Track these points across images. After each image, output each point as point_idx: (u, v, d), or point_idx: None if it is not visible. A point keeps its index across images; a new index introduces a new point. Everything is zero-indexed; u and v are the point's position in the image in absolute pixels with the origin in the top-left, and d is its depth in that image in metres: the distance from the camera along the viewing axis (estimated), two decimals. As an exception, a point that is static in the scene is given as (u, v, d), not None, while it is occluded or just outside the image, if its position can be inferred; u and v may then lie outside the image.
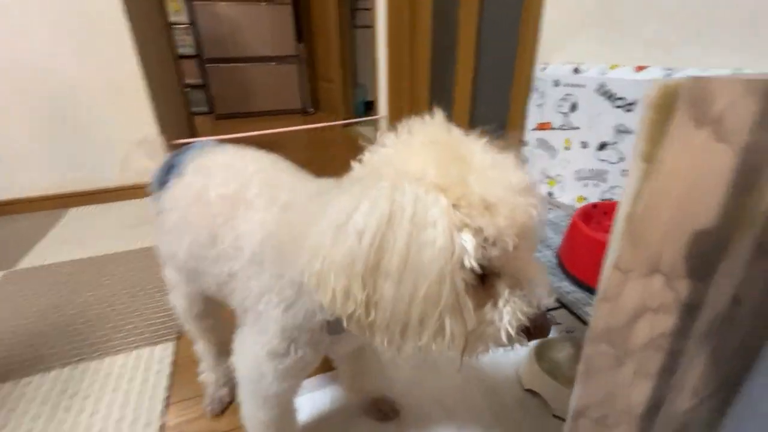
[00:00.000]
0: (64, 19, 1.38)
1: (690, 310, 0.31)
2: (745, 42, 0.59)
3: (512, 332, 0.30)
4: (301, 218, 0.36)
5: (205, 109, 3.63)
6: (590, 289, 0.58)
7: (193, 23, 3.23)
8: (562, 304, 0.57)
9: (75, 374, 0.79)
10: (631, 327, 0.27)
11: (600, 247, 0.56)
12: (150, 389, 0.75)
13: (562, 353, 0.79)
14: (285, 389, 0.47)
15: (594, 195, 0.82)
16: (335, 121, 3.11)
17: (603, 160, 0.79)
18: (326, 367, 0.78)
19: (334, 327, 0.41)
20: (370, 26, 3.11)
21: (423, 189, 0.28)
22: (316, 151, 2.50)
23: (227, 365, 0.71)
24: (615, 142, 0.76)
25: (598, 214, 0.66)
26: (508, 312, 0.30)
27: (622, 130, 0.74)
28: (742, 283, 0.33)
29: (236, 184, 0.46)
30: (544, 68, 0.90)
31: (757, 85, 0.23)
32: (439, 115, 0.34)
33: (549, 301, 0.31)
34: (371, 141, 0.35)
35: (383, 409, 0.67)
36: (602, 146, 0.78)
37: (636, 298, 0.26)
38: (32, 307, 0.98)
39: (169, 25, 2.30)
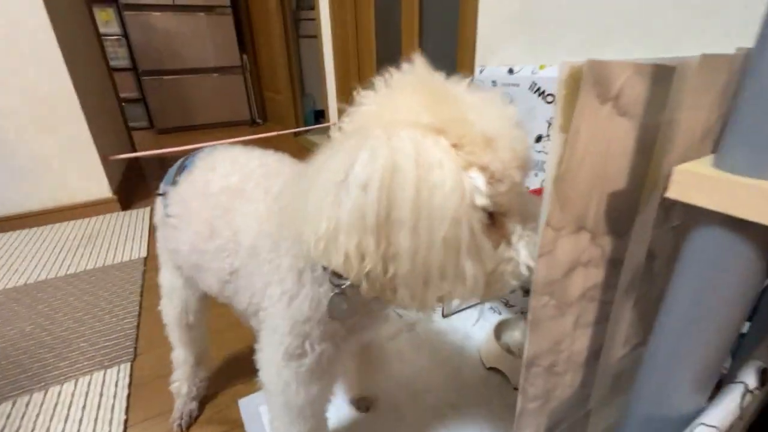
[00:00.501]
0: (-22, 29, 1.27)
1: (614, 264, 0.36)
2: (650, 42, 0.69)
3: (533, 265, 0.29)
4: (293, 196, 0.34)
5: (144, 123, 3.43)
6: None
7: (125, 34, 3.06)
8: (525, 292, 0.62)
9: (14, 411, 0.72)
10: (567, 279, 0.31)
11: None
12: (107, 414, 0.70)
13: (517, 331, 0.85)
14: (314, 396, 0.43)
15: (535, 183, 0.90)
16: (284, 130, 3.08)
17: (540, 152, 0.86)
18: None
19: (338, 307, 0.37)
20: (315, 36, 3.15)
21: (420, 132, 0.27)
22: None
23: (201, 378, 0.69)
24: (549, 135, 0.83)
25: (539, 199, 0.73)
26: (524, 246, 0.31)
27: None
28: (654, 239, 0.39)
29: (237, 177, 0.44)
30: (482, 70, 0.97)
31: (644, 68, 0.28)
32: (419, 60, 0.33)
33: None
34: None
35: (366, 400, 0.69)
36: (538, 139, 0.86)
37: (568, 253, 0.30)
38: (-44, 345, 0.88)
39: (100, 37, 2.18)
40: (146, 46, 3.04)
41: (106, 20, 2.97)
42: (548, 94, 0.81)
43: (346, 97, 1.04)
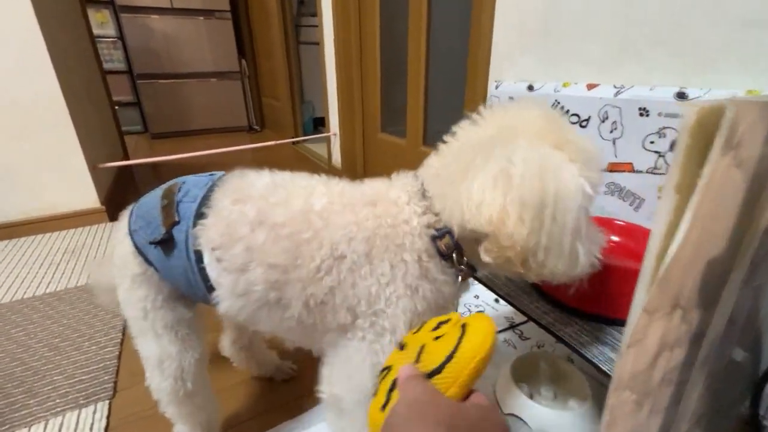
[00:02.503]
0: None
1: (697, 339, 0.30)
2: (681, 59, 0.63)
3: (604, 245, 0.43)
4: (443, 193, 0.42)
5: (139, 128, 3.35)
6: (566, 308, 0.57)
7: (121, 37, 2.99)
8: (540, 325, 0.56)
9: (-26, 458, 0.64)
10: (652, 368, 0.25)
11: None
12: (77, 466, 0.62)
13: (537, 370, 0.78)
14: None
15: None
16: (282, 138, 3.02)
17: (561, 175, 0.80)
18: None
19: (463, 289, 0.45)
20: (316, 43, 3.09)
21: (548, 146, 0.37)
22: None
23: None
24: (572, 157, 0.77)
25: (565, 230, 0.66)
26: (598, 233, 0.43)
27: (578, 146, 0.76)
28: (736, 303, 0.32)
29: (298, 200, 0.44)
30: (498, 85, 0.91)
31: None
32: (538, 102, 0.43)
33: None
34: (322, 158, 0.41)
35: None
36: (560, 161, 0.80)
37: (658, 337, 0.24)
38: None
39: (94, 38, 2.10)
40: (142, 49, 2.97)
41: (102, 22, 2.90)
42: (573, 114, 0.75)
43: (348, 104, 0.97)
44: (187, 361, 0.52)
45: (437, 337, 0.29)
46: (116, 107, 2.33)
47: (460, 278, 0.44)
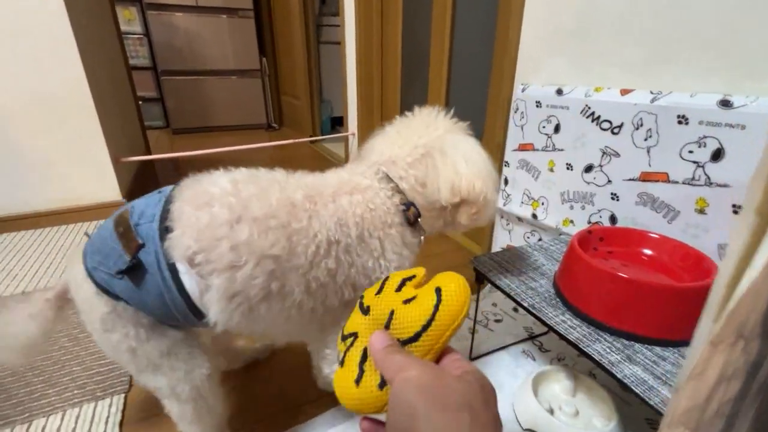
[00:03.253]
0: (-5, 22, 1.23)
1: (754, 370, 0.28)
2: (728, 64, 0.60)
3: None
4: (426, 177, 0.55)
5: (160, 123, 3.42)
6: (596, 323, 0.54)
7: (147, 34, 3.06)
8: (567, 341, 0.53)
9: (-6, 445, 0.65)
10: (708, 402, 0.23)
11: (607, 280, 0.53)
12: (91, 460, 0.63)
13: (557, 385, 0.75)
14: None
15: (581, 217, 0.80)
16: (300, 136, 3.03)
17: (590, 183, 0.77)
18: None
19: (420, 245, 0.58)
20: (336, 42, 3.10)
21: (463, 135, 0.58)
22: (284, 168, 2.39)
23: None
24: (601, 165, 0.74)
25: (594, 240, 0.64)
26: None
27: (609, 153, 0.73)
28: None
29: (273, 194, 0.46)
30: (525, 89, 0.89)
31: None
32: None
33: None
34: (339, 158, 0.50)
35: None
36: (588, 168, 0.77)
37: (718, 369, 0.22)
38: (-58, 360, 0.82)
39: (121, 35, 2.15)
40: (167, 46, 3.03)
41: (129, 19, 2.97)
42: (604, 120, 0.72)
43: (367, 104, 0.95)
44: (198, 379, 0.50)
45: (406, 300, 0.27)
46: (140, 102, 2.37)
47: (422, 238, 0.57)
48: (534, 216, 0.91)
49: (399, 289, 0.29)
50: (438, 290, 0.26)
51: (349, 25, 1.85)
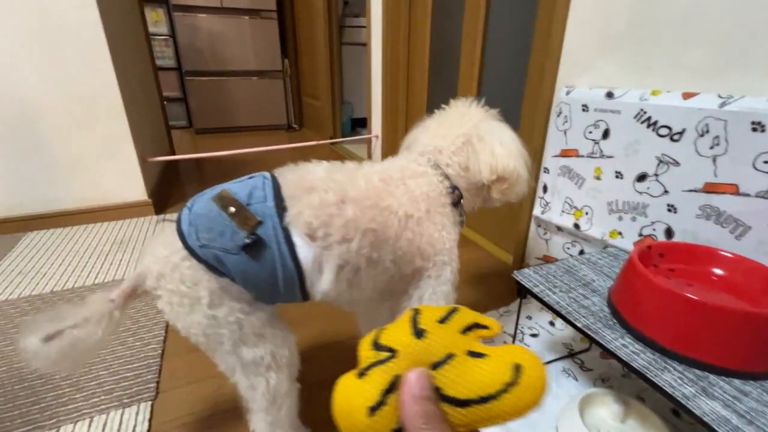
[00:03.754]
0: (29, 27, 1.24)
1: None
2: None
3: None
4: (468, 161, 0.63)
5: (184, 123, 3.47)
6: (662, 350, 0.49)
7: (173, 35, 3.10)
8: (631, 369, 0.48)
9: (22, 451, 0.63)
10: None
11: (677, 302, 0.48)
12: (119, 472, 0.61)
13: (603, 409, 0.70)
14: None
15: (632, 230, 0.75)
16: (320, 137, 3.02)
17: (642, 193, 0.72)
18: None
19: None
20: (358, 43, 3.08)
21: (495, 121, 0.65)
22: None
23: None
24: (657, 174, 0.69)
25: (654, 256, 0.59)
26: None
27: (666, 161, 0.67)
28: None
29: (360, 180, 0.53)
30: (569, 92, 0.84)
31: None
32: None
33: None
34: (360, 159, 0.46)
35: None
36: (641, 177, 0.72)
37: None
38: (-27, 359, 0.82)
39: (149, 36, 2.17)
40: (191, 46, 3.06)
41: (156, 20, 3.02)
42: (662, 126, 0.67)
43: (392, 106, 0.93)
44: (292, 345, 0.55)
45: (473, 354, 0.22)
46: (164, 102, 2.40)
47: (464, 217, 0.65)
48: (576, 226, 0.86)
49: (466, 331, 0.24)
50: (517, 368, 0.21)
51: (376, 26, 1.82)
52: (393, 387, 0.21)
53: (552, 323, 0.95)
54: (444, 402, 0.21)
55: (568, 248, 0.91)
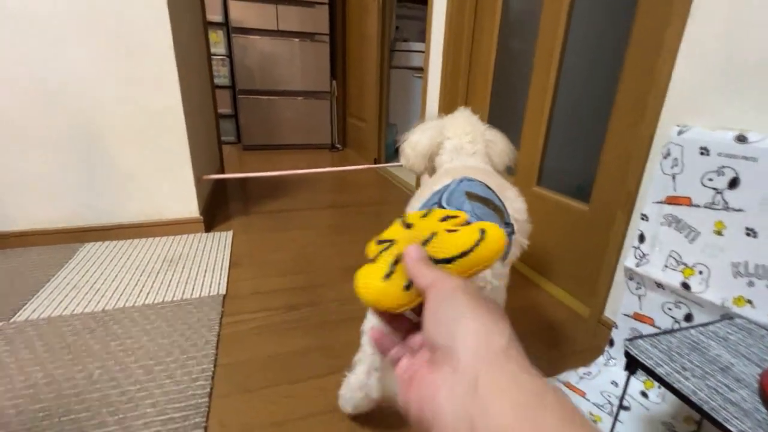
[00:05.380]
0: (108, 43, 1.28)
1: None
2: None
3: None
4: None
5: (233, 138, 3.57)
6: None
7: (230, 55, 3.23)
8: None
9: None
10: None
11: None
12: None
13: None
14: None
15: (765, 299, 0.63)
16: (363, 159, 3.00)
17: (788, 258, 0.60)
18: None
19: None
20: (406, 67, 3.09)
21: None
22: (347, 192, 2.35)
23: None
24: (810, 237, 0.57)
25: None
26: None
27: (827, 223, 0.55)
28: None
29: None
30: (683, 131, 0.73)
31: None
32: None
33: None
34: (407, 185, 0.61)
35: None
36: (786, 239, 0.60)
37: None
38: (23, 380, 0.79)
39: (210, 56, 2.25)
40: (246, 66, 3.17)
41: (215, 41, 3.15)
42: (822, 180, 0.55)
43: None
44: None
45: (449, 231, 0.30)
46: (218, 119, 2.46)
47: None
48: (685, 286, 0.73)
49: (443, 220, 0.32)
50: (482, 231, 0.29)
51: (435, 52, 1.78)
52: (397, 260, 0.28)
53: (645, 394, 0.82)
54: (436, 263, 0.28)
55: (670, 309, 0.79)
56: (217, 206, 1.88)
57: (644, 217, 0.82)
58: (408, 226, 0.32)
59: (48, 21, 1.22)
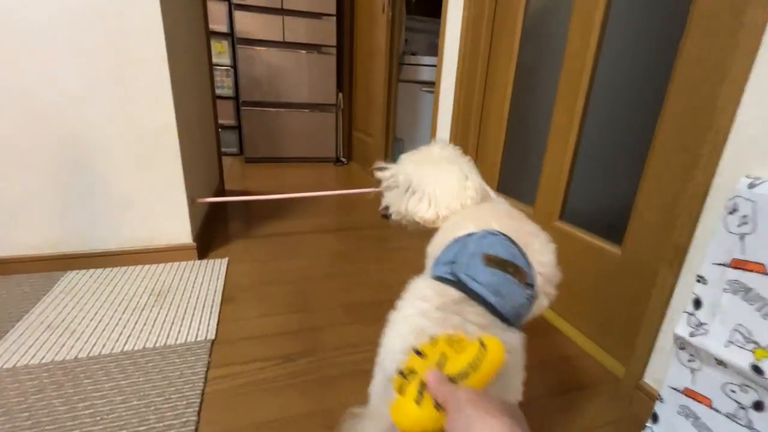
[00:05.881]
0: (101, 61, 1.19)
1: None
2: None
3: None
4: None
5: (235, 150, 3.48)
6: None
7: (234, 66, 3.15)
8: None
9: None
10: None
11: None
12: None
13: None
14: None
15: None
16: (367, 172, 2.90)
17: None
18: None
19: None
20: (413, 81, 2.99)
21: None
22: (352, 210, 2.24)
23: None
24: None
25: None
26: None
27: None
28: None
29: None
30: (755, 184, 0.62)
31: None
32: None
33: None
34: None
35: None
36: None
37: None
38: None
39: (212, 67, 2.16)
40: (250, 77, 3.09)
41: (220, 51, 3.08)
42: None
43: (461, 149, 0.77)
44: None
45: (457, 350, 0.37)
46: (219, 130, 2.37)
47: None
48: (756, 369, 0.61)
49: (449, 344, 0.38)
50: (482, 344, 0.35)
51: (448, 67, 1.68)
52: (423, 387, 0.34)
53: (700, 489, 0.69)
54: (453, 381, 0.34)
55: (733, 391, 0.66)
56: (215, 226, 1.78)
57: (701, 279, 0.69)
58: (421, 354, 0.38)
59: (36, 33, 1.12)
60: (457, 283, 0.51)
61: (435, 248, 0.64)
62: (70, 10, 1.13)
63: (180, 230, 1.42)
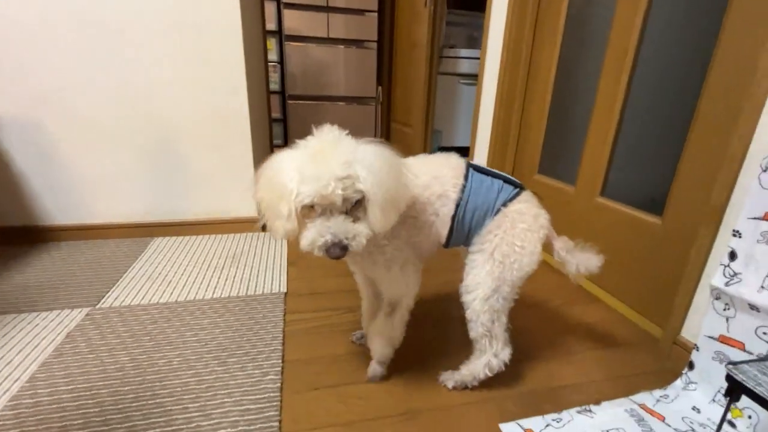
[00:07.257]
0: (186, 51, 1.37)
1: None
2: None
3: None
4: None
5: (280, 142, 3.69)
6: None
7: (281, 62, 3.35)
8: None
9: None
10: None
11: None
12: None
13: None
14: None
15: None
16: (409, 165, 3.00)
17: None
18: None
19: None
20: (451, 73, 3.08)
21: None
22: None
23: None
24: None
25: None
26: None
27: None
28: None
29: None
30: (788, 143, 0.68)
31: None
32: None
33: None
34: None
35: None
36: None
37: None
38: (113, 363, 0.85)
39: (267, 63, 2.35)
40: (296, 73, 3.28)
41: (269, 48, 3.28)
42: None
43: (502, 142, 0.87)
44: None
45: None
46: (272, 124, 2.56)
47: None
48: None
49: None
50: None
51: (491, 60, 1.76)
52: None
53: (732, 424, 0.76)
54: None
55: (765, 334, 0.73)
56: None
57: (736, 234, 0.76)
58: None
59: (138, 35, 1.32)
60: None
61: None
62: (164, 11, 1.32)
63: (249, 204, 1.60)
